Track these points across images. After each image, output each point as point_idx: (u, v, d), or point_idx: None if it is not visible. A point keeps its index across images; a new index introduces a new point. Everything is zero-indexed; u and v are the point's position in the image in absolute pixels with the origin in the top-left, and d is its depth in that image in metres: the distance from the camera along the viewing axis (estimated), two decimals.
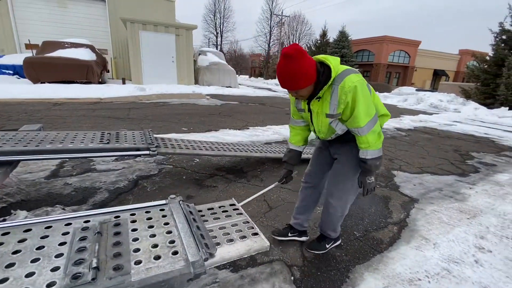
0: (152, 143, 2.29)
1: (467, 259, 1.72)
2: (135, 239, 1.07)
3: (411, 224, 2.11)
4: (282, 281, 1.42)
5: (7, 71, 9.72)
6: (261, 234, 1.27)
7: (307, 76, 1.19)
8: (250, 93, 12.54)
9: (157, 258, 0.97)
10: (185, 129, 4.63)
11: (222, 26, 45.86)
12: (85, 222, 1.15)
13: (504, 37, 12.75)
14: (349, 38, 24.08)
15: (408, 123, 7.07)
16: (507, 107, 11.43)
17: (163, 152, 2.32)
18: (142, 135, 2.48)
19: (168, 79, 11.15)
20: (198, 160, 3.15)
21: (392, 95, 16.62)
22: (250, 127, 5.18)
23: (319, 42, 27.77)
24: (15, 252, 0.93)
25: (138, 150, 2.19)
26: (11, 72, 9.75)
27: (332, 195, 1.52)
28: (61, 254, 0.94)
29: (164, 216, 1.26)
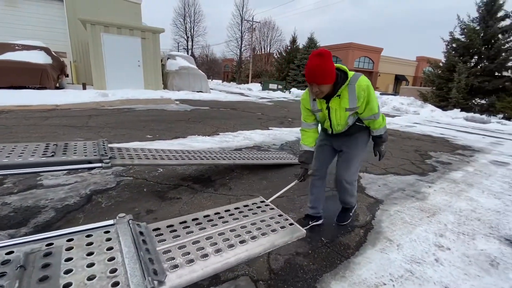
0: (106, 154, 2.09)
1: (428, 258, 1.76)
2: (68, 271, 0.91)
3: (377, 226, 2.14)
4: None
5: None
6: (296, 224, 1.50)
7: (332, 75, 1.49)
8: (222, 98, 12.40)
9: None
10: (150, 136, 4.39)
11: (192, 30, 45.36)
12: (7, 253, 0.97)
13: (454, 45, 14.04)
14: (317, 44, 24.99)
15: None
16: (459, 109, 12.53)
17: (118, 164, 2.13)
18: (95, 145, 2.26)
19: (134, 84, 10.62)
20: (161, 170, 2.97)
21: None
22: (220, 133, 5.06)
23: (289, 48, 28.48)
24: None
25: (90, 162, 1.99)
26: None
27: (345, 178, 1.88)
28: None
29: (109, 239, 1.11)
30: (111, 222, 1.23)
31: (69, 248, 1.03)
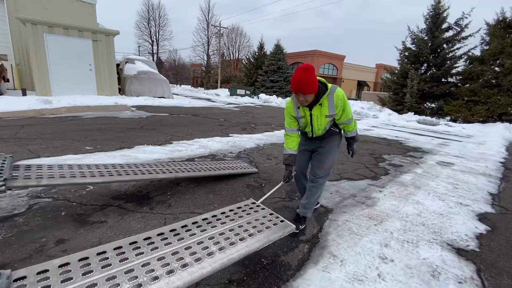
0: (1, 174, 1.72)
1: (370, 274, 1.65)
2: None
3: (322, 240, 2.01)
4: None
5: None
6: (286, 220, 1.73)
7: (315, 86, 1.74)
8: (185, 103, 11.95)
9: None
10: (89, 148, 3.92)
11: (157, 34, 43.86)
12: None
13: (406, 53, 15.13)
14: (284, 51, 25.45)
15: None
16: (412, 112, 13.43)
17: (19, 186, 1.77)
18: None
19: (85, 90, 9.75)
20: (91, 188, 2.59)
21: None
22: (174, 142, 4.72)
23: (257, 54, 28.69)
24: None
25: None
26: None
27: (318, 172, 2.07)
28: None
29: None
30: None
31: None
